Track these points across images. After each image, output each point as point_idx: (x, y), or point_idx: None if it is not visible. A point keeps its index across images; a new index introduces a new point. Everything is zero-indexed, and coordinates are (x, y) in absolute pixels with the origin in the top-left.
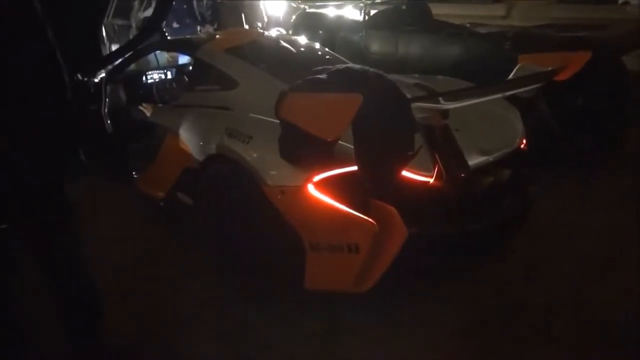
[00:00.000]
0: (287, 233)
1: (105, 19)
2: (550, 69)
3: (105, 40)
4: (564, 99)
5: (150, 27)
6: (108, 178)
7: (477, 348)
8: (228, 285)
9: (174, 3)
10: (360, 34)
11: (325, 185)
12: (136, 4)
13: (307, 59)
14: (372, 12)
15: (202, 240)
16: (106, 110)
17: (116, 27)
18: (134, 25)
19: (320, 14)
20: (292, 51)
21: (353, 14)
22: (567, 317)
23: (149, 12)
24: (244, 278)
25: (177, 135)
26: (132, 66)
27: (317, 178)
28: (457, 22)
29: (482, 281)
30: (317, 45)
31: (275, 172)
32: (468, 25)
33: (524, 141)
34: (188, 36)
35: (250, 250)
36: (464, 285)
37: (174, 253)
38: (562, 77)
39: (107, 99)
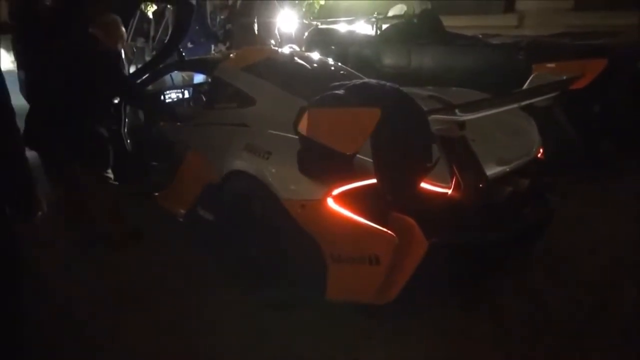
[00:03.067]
0: (308, 246)
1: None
2: (565, 77)
3: (125, 62)
4: (582, 106)
5: (169, 48)
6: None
7: (504, 358)
8: (252, 295)
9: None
10: (373, 48)
11: (345, 199)
12: (153, 26)
13: (322, 74)
14: (384, 26)
15: (224, 254)
16: (126, 130)
17: (135, 49)
18: (150, 46)
19: (332, 30)
20: (306, 67)
21: (364, 28)
22: (596, 325)
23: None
24: (267, 290)
25: (197, 152)
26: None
27: (336, 191)
28: (469, 33)
29: (504, 290)
30: (331, 61)
31: (295, 187)
32: (480, 36)
33: (541, 150)
34: (204, 56)
35: (272, 264)
36: (486, 294)
37: (198, 264)
38: (577, 85)
39: (126, 119)
